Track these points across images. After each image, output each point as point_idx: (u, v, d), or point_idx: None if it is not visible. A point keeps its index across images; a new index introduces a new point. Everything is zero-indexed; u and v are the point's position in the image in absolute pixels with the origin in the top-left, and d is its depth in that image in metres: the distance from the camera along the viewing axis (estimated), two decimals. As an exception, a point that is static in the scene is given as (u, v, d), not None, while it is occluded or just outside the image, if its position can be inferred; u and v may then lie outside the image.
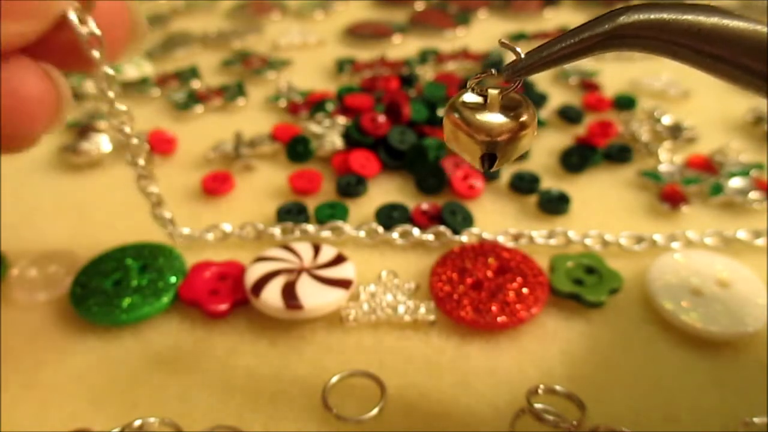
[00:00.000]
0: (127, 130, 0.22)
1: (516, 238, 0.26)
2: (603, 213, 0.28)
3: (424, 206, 0.28)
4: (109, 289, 0.23)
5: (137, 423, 0.19)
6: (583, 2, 0.50)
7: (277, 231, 0.26)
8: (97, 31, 0.18)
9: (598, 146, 0.32)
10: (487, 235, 0.26)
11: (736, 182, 0.29)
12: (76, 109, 0.37)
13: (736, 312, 0.22)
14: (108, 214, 0.29)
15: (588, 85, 0.38)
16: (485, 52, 0.41)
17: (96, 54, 0.19)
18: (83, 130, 0.33)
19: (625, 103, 0.36)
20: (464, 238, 0.26)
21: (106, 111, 0.21)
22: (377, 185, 0.30)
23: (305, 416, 0.20)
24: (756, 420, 0.19)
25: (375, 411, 0.19)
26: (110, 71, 0.20)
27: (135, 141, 0.22)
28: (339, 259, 0.24)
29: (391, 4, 0.50)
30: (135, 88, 0.39)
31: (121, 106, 0.21)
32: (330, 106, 0.35)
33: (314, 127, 0.33)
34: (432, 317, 0.23)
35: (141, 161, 0.23)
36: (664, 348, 0.22)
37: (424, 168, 0.30)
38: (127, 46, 0.20)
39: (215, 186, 0.30)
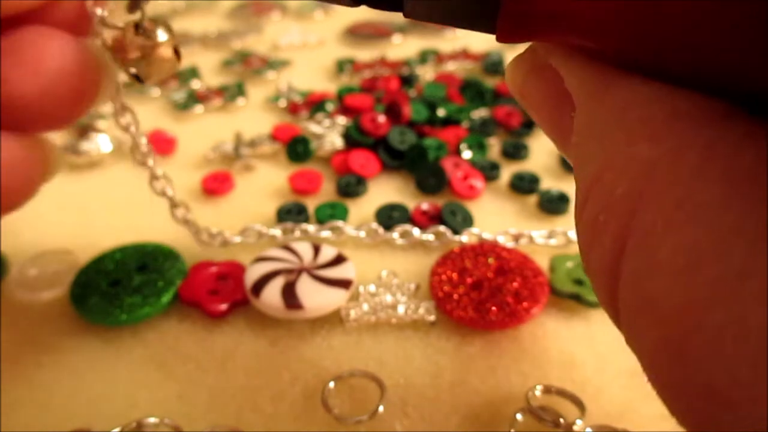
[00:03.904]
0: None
1: (516, 238, 0.26)
2: (603, 213, 0.28)
3: (424, 206, 0.28)
4: (109, 289, 0.23)
5: (137, 423, 0.19)
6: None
7: (277, 231, 0.26)
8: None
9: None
10: (487, 235, 0.26)
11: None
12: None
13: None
14: (108, 214, 0.29)
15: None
16: (485, 52, 0.41)
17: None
18: (83, 130, 0.33)
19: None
20: (464, 238, 0.26)
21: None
22: (377, 185, 0.30)
23: (305, 416, 0.20)
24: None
25: (375, 411, 0.19)
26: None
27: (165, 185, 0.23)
28: (339, 259, 0.24)
29: (391, 4, 0.50)
30: (135, 88, 0.39)
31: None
32: (330, 107, 0.35)
33: (314, 127, 0.33)
34: (432, 317, 0.23)
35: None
36: (664, 348, 0.22)
37: (424, 168, 0.30)
38: (92, 102, 0.19)
39: (215, 186, 0.30)
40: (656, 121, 0.10)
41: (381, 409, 0.20)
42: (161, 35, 0.19)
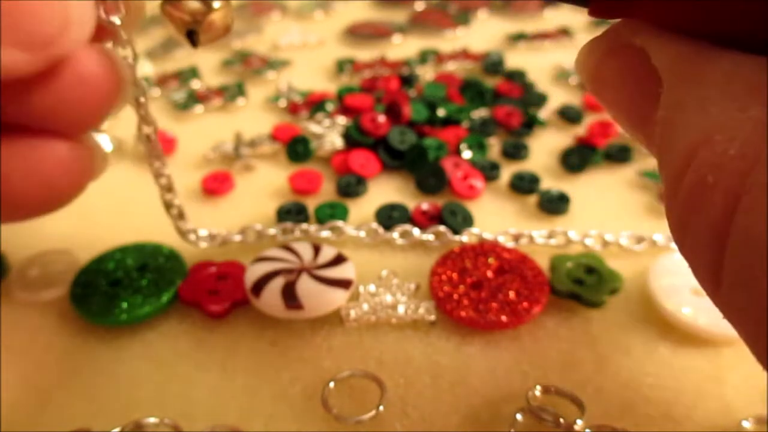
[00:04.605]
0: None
1: (516, 238, 0.26)
2: (603, 213, 0.28)
3: (424, 206, 0.28)
4: (109, 289, 0.23)
5: (137, 423, 0.19)
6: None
7: (277, 231, 0.26)
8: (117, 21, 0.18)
9: (598, 146, 0.32)
10: (487, 235, 0.26)
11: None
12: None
13: (736, 312, 0.22)
14: (108, 214, 0.29)
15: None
16: (485, 52, 0.41)
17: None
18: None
19: (625, 103, 0.36)
20: (464, 238, 0.26)
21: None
22: (377, 185, 0.30)
23: (305, 416, 0.20)
24: (755, 420, 0.19)
25: (375, 411, 0.19)
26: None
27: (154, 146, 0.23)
28: (339, 259, 0.24)
29: (391, 4, 0.50)
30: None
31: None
32: (330, 106, 0.35)
33: (314, 127, 0.33)
34: (432, 317, 0.23)
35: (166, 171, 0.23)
36: (664, 348, 0.22)
37: (424, 168, 0.30)
38: (111, 108, 0.20)
39: (215, 186, 0.30)
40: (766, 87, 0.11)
41: (381, 409, 0.20)
42: (217, 2, 0.19)
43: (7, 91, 0.17)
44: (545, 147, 0.33)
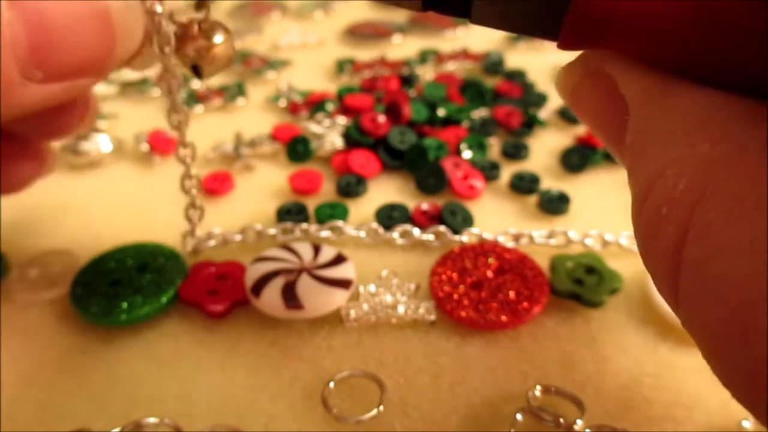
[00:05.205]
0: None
1: (516, 238, 0.26)
2: (603, 213, 0.28)
3: (424, 206, 0.28)
4: (108, 289, 0.23)
5: (137, 423, 0.19)
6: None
7: (277, 231, 0.26)
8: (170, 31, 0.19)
9: (598, 146, 0.32)
10: (487, 235, 0.26)
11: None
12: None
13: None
14: (108, 214, 0.29)
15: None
16: (485, 52, 0.41)
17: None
18: (83, 130, 0.33)
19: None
20: (464, 238, 0.26)
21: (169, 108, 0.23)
22: (377, 185, 0.30)
23: (305, 416, 0.20)
24: (755, 420, 0.19)
25: (375, 411, 0.19)
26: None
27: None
28: (339, 259, 0.24)
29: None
30: (135, 88, 0.39)
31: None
32: (330, 106, 0.35)
33: (314, 127, 0.33)
34: (432, 317, 0.23)
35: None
36: (663, 348, 0.22)
37: (424, 168, 0.30)
38: (79, 128, 0.23)
39: (215, 186, 0.30)
40: (715, 124, 0.11)
41: (381, 409, 0.20)
42: (219, 36, 0.20)
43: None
44: (545, 147, 0.33)
